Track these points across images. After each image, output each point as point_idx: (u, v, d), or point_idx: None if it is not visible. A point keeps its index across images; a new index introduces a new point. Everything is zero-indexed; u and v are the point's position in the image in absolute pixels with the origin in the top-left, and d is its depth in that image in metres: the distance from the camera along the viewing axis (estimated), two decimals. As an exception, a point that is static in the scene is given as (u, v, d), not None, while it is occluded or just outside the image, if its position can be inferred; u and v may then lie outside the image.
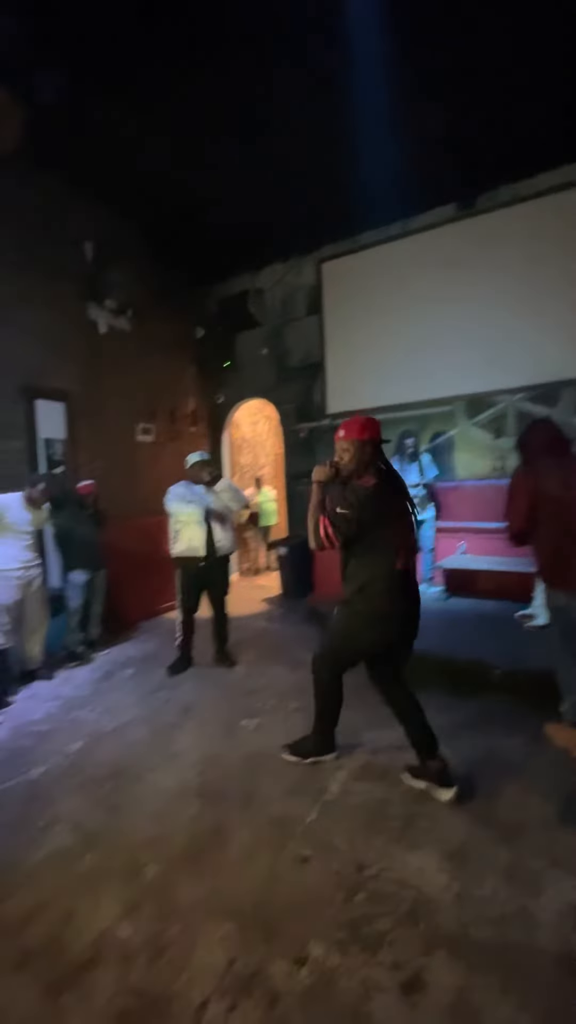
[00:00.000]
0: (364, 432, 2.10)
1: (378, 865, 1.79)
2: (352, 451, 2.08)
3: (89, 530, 4.09)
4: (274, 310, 6.39)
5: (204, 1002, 1.37)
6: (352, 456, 2.08)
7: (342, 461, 2.10)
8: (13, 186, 4.40)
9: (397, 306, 5.37)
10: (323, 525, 2.06)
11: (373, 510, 2.02)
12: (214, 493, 3.60)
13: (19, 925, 1.62)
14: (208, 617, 3.79)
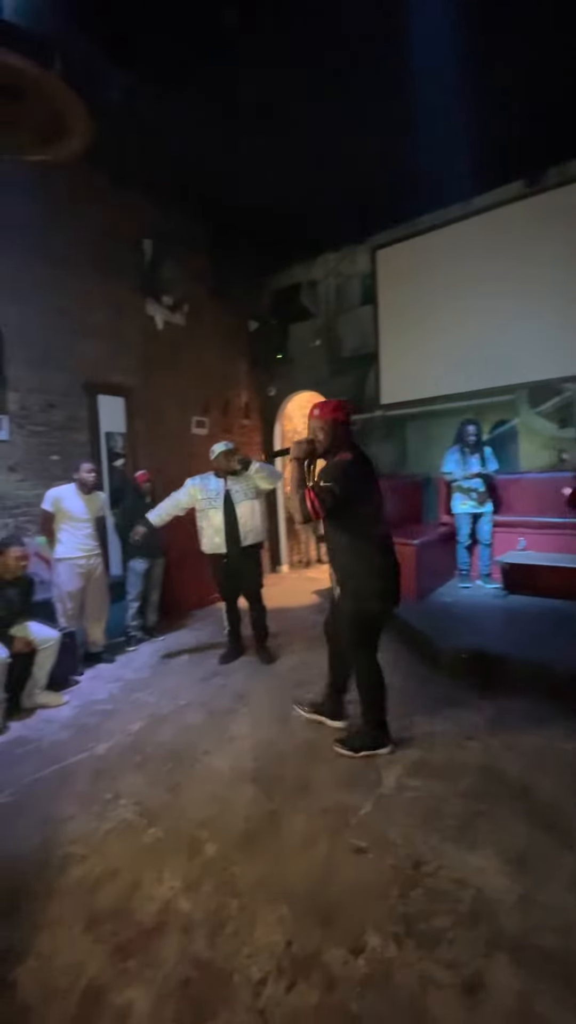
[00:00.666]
0: (337, 412, 2.30)
1: (435, 863, 1.77)
2: (327, 429, 2.27)
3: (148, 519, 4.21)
4: (327, 301, 6.35)
5: (263, 979, 1.40)
6: (327, 434, 2.26)
7: (317, 439, 2.27)
8: (73, 188, 4.59)
9: (456, 291, 5.19)
10: (309, 498, 2.17)
11: (355, 482, 2.22)
12: (247, 478, 3.59)
13: (90, 889, 1.73)
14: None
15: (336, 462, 2.22)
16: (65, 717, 3.02)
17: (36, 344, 4.36)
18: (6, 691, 2.92)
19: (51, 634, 3.18)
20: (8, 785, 2.34)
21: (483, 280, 5.00)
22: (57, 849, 1.92)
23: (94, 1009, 1.35)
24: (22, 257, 4.26)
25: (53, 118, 2.74)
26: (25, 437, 4.29)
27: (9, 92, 2.63)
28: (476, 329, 5.07)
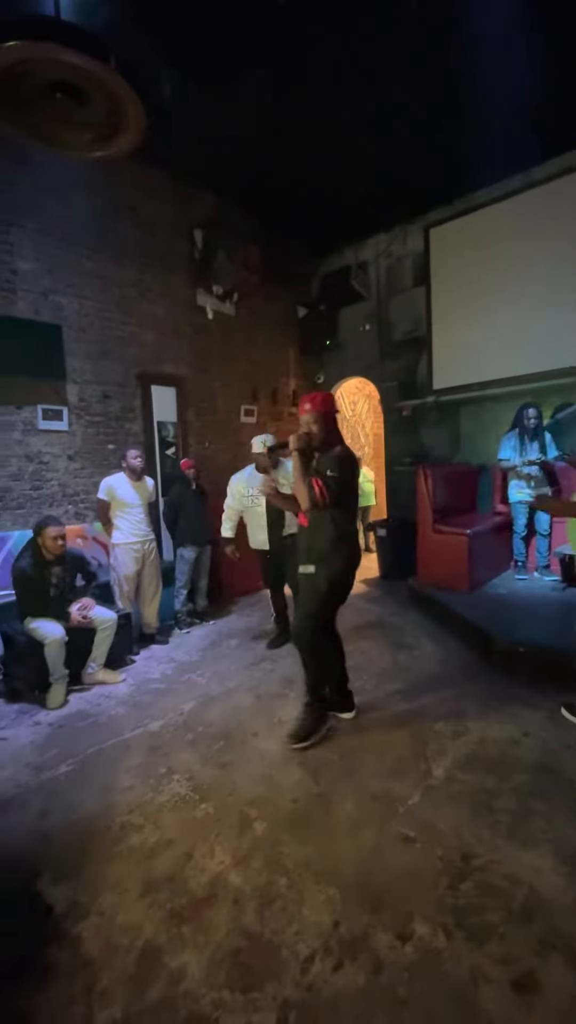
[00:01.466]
0: (327, 405, 2.39)
1: (486, 857, 1.73)
2: (320, 422, 2.34)
3: (195, 507, 4.28)
4: (378, 283, 6.19)
5: (310, 956, 1.43)
6: (320, 427, 2.34)
7: (312, 432, 2.33)
8: (127, 183, 4.69)
9: (514, 268, 4.92)
10: (317, 486, 2.25)
11: (352, 474, 2.39)
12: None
13: (146, 856, 1.82)
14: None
15: (339, 454, 2.33)
16: (122, 694, 3.17)
17: (93, 337, 4.53)
18: (66, 667, 3.09)
19: (109, 615, 3.34)
20: (71, 755, 2.49)
21: (543, 255, 4.71)
22: (116, 817, 2.03)
23: (151, 969, 1.42)
24: (80, 251, 4.41)
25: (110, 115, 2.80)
26: (83, 427, 4.48)
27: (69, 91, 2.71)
28: (535, 308, 4.80)
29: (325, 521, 2.34)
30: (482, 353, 5.22)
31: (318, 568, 2.37)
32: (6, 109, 2.76)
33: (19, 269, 4.05)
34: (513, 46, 3.36)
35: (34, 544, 3.16)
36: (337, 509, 2.33)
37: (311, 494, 2.25)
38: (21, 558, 3.15)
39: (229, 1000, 1.33)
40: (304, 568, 2.40)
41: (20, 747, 2.59)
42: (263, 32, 3.32)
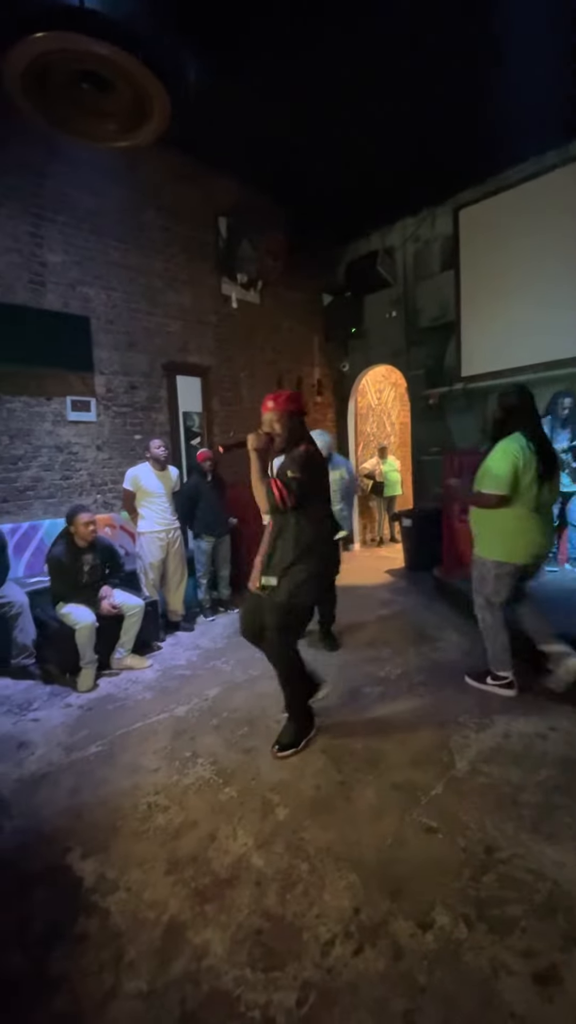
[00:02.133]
0: (291, 404, 2.23)
1: (509, 851, 1.72)
2: (283, 421, 2.20)
3: (212, 498, 4.21)
4: (405, 269, 6.06)
5: (331, 940, 1.45)
6: (283, 426, 2.20)
7: (274, 431, 2.21)
8: (153, 172, 4.69)
9: (548, 249, 4.74)
10: (276, 488, 2.12)
11: (318, 473, 2.25)
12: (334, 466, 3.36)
13: (172, 836, 1.87)
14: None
15: (301, 453, 2.18)
16: (148, 679, 3.24)
17: (120, 328, 4.58)
18: (95, 652, 3.18)
19: (136, 601, 3.41)
20: (101, 737, 2.57)
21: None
22: (143, 798, 2.09)
23: (175, 944, 1.47)
24: (108, 243, 4.45)
25: (136, 103, 2.80)
26: (111, 418, 4.56)
27: (97, 82, 2.73)
28: (570, 291, 4.61)
29: (289, 526, 2.19)
30: (513, 339, 5.06)
31: (280, 580, 2.19)
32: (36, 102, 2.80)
33: (48, 262, 4.12)
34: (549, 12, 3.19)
35: (67, 532, 3.26)
36: (302, 513, 2.18)
37: (270, 497, 2.12)
38: (56, 545, 3.26)
39: (251, 978, 1.36)
40: (266, 579, 2.23)
41: (52, 728, 2.69)
42: (289, 15, 3.24)
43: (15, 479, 4.00)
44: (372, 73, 3.79)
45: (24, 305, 3.95)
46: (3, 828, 1.95)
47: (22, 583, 3.62)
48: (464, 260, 5.39)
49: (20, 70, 2.67)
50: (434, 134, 4.47)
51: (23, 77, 2.71)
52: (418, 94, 4.01)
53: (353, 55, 3.62)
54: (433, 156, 4.80)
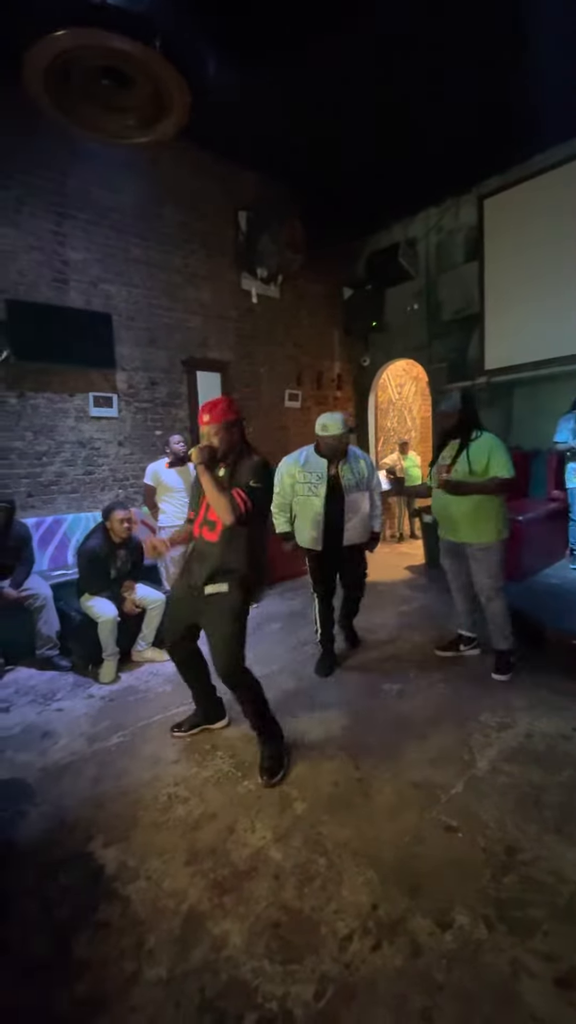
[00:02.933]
0: (229, 413, 2.16)
1: (532, 852, 1.69)
2: (221, 433, 2.14)
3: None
4: (427, 260, 5.95)
5: (349, 935, 1.45)
6: (222, 438, 2.14)
7: (213, 444, 2.14)
8: (172, 168, 4.70)
9: None
10: (239, 498, 2.06)
11: (270, 482, 2.29)
12: (356, 459, 3.02)
13: (191, 827, 1.89)
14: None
15: (258, 462, 2.16)
16: (169, 672, 3.27)
17: (141, 324, 4.62)
18: (117, 645, 3.23)
19: (158, 596, 3.45)
20: (122, 728, 2.62)
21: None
22: (163, 789, 2.12)
23: (195, 933, 1.49)
24: (128, 239, 4.49)
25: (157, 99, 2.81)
26: (132, 414, 4.60)
27: (118, 78, 2.74)
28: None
29: (241, 534, 2.14)
30: (539, 331, 4.94)
31: (232, 586, 2.15)
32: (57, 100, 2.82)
33: (71, 259, 4.17)
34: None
35: (103, 527, 3.31)
36: (258, 521, 2.18)
37: (233, 507, 2.03)
38: (91, 538, 3.31)
39: (269, 969, 1.37)
40: (215, 587, 2.15)
41: (75, 718, 2.75)
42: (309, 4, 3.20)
43: (39, 474, 4.08)
44: (393, 61, 3.72)
45: (48, 303, 4.01)
46: (29, 814, 2.00)
47: (46, 576, 3.70)
48: (489, 251, 5.27)
49: (42, 68, 2.70)
50: (458, 121, 4.36)
51: (45, 75, 2.74)
52: (441, 81, 3.92)
53: (374, 42, 3.56)
54: (457, 144, 4.68)
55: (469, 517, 2.84)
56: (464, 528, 2.87)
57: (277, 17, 3.29)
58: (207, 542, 2.19)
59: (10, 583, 3.27)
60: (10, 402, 3.90)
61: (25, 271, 3.92)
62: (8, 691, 3.09)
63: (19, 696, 3.02)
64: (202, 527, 2.22)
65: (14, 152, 3.81)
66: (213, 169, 5.01)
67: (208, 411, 2.15)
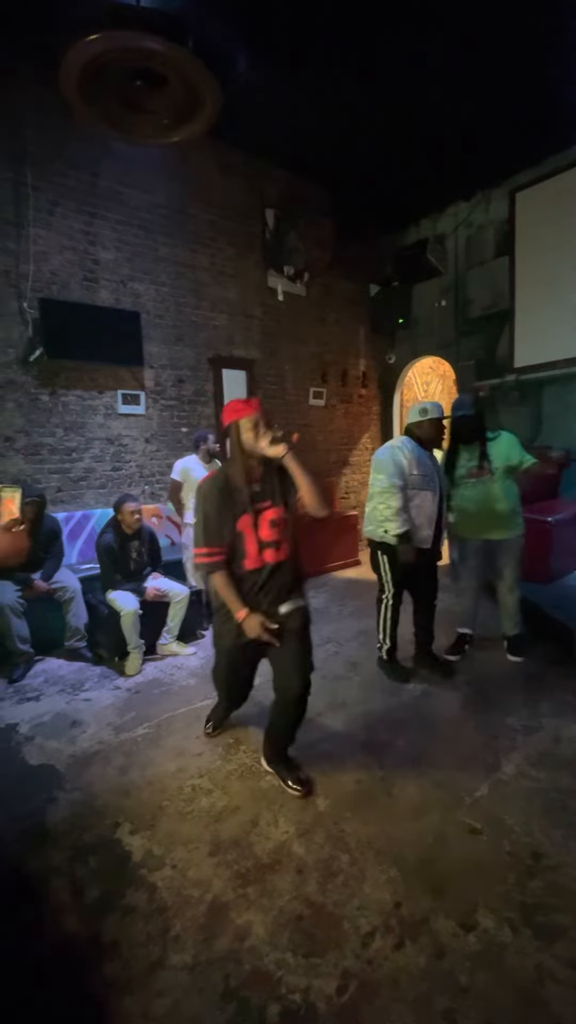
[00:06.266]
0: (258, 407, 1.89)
1: (558, 858, 1.67)
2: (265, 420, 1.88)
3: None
4: (456, 256, 5.86)
5: (371, 932, 1.46)
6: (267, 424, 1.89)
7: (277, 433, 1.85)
8: (200, 164, 4.73)
9: (614, 231, 4.46)
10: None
11: None
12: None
13: (215, 819, 1.92)
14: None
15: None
16: (193, 666, 3.33)
17: (168, 322, 4.67)
18: (141, 637, 3.29)
19: (182, 589, 3.50)
20: (148, 719, 2.67)
21: None
22: (188, 780, 2.15)
23: (218, 923, 1.51)
24: (156, 238, 4.54)
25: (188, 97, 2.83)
26: (159, 411, 4.67)
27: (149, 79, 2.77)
28: None
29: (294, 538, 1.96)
30: (572, 327, 4.81)
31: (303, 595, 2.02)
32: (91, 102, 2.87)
33: (101, 259, 4.24)
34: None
35: (115, 520, 3.38)
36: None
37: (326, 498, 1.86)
38: (105, 533, 3.39)
39: (291, 962, 1.38)
40: (292, 604, 1.95)
41: (102, 708, 2.81)
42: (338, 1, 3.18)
43: (69, 470, 4.18)
44: (422, 52, 3.66)
45: (79, 302, 4.10)
46: (59, 800, 2.06)
47: (75, 569, 3.78)
48: (520, 245, 5.16)
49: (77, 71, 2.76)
50: (489, 113, 4.28)
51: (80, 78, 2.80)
52: (473, 73, 3.85)
53: (403, 36, 3.51)
54: (488, 136, 4.60)
55: (508, 512, 2.97)
56: (500, 524, 2.97)
57: (307, 15, 3.28)
58: (275, 564, 1.91)
59: (40, 575, 3.36)
60: (42, 399, 4.00)
61: (58, 271, 4.01)
62: (38, 680, 3.18)
63: (49, 685, 3.11)
64: (262, 551, 1.89)
65: (50, 155, 3.90)
66: (241, 167, 5.02)
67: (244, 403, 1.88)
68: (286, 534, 1.93)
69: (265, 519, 1.89)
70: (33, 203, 3.84)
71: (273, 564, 1.91)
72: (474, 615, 3.26)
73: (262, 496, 1.90)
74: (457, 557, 3.26)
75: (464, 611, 3.26)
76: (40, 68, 3.58)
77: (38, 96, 3.72)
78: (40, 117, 3.80)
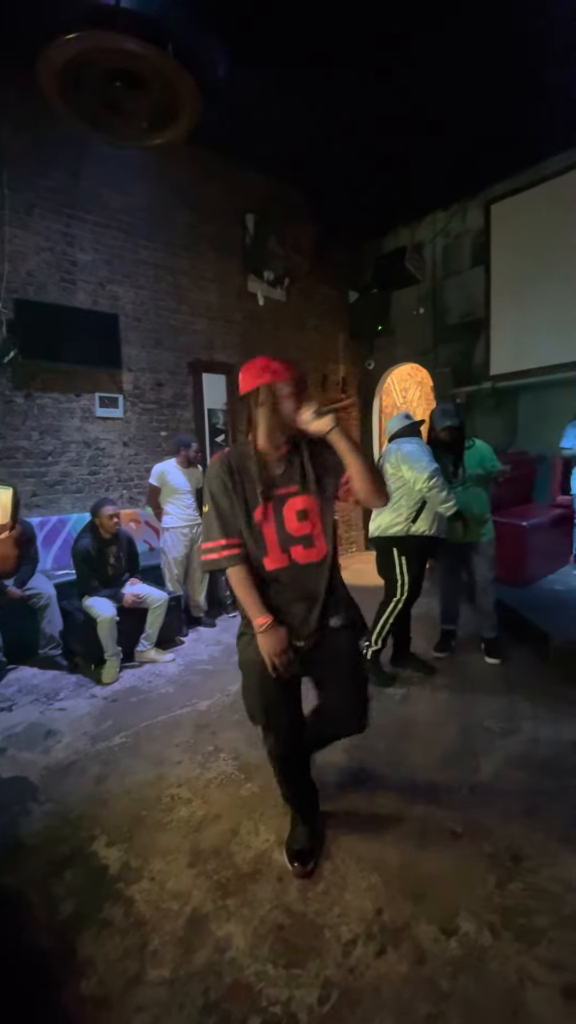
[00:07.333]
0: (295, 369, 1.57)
1: (537, 860, 1.68)
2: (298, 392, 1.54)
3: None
4: (433, 264, 5.96)
5: (352, 939, 1.45)
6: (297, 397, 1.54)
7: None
8: (181, 169, 4.71)
9: (585, 244, 4.60)
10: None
11: None
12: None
13: (194, 829, 1.89)
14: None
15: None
16: (171, 673, 3.28)
17: (147, 325, 4.63)
18: (118, 644, 3.23)
19: (161, 595, 3.46)
20: (125, 727, 2.61)
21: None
22: (166, 789, 2.11)
23: (198, 935, 1.48)
24: (136, 241, 4.50)
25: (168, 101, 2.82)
26: (137, 415, 4.61)
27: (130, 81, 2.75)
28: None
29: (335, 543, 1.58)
30: (545, 336, 4.94)
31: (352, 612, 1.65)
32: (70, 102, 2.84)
33: (79, 260, 4.18)
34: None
35: (92, 525, 3.32)
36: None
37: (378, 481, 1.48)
38: (82, 538, 3.32)
39: (272, 973, 1.36)
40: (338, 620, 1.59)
41: (78, 717, 2.75)
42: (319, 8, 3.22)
43: (44, 473, 4.09)
44: (401, 65, 3.73)
45: (56, 303, 4.03)
46: (33, 812, 2.00)
47: (50, 575, 3.70)
48: (495, 255, 5.28)
49: (55, 71, 2.72)
50: (466, 126, 4.37)
51: (58, 78, 2.76)
52: (449, 86, 3.93)
53: (381, 47, 3.57)
54: (465, 148, 4.70)
55: (480, 517, 3.07)
56: (476, 525, 3.06)
57: (288, 21, 3.31)
58: (307, 566, 1.52)
59: (14, 582, 3.27)
60: (17, 401, 3.91)
61: (34, 272, 3.94)
62: (11, 690, 3.09)
63: (22, 695, 3.02)
64: (288, 548, 1.50)
65: (28, 155, 3.83)
66: (222, 171, 5.03)
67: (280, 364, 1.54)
68: (322, 528, 1.52)
69: (292, 508, 1.49)
70: (9, 203, 3.77)
71: (304, 565, 1.51)
72: (455, 613, 3.37)
73: (288, 480, 1.51)
74: (434, 559, 3.33)
75: (446, 610, 3.37)
76: (17, 68, 3.52)
77: (15, 96, 3.66)
78: (17, 116, 3.74)
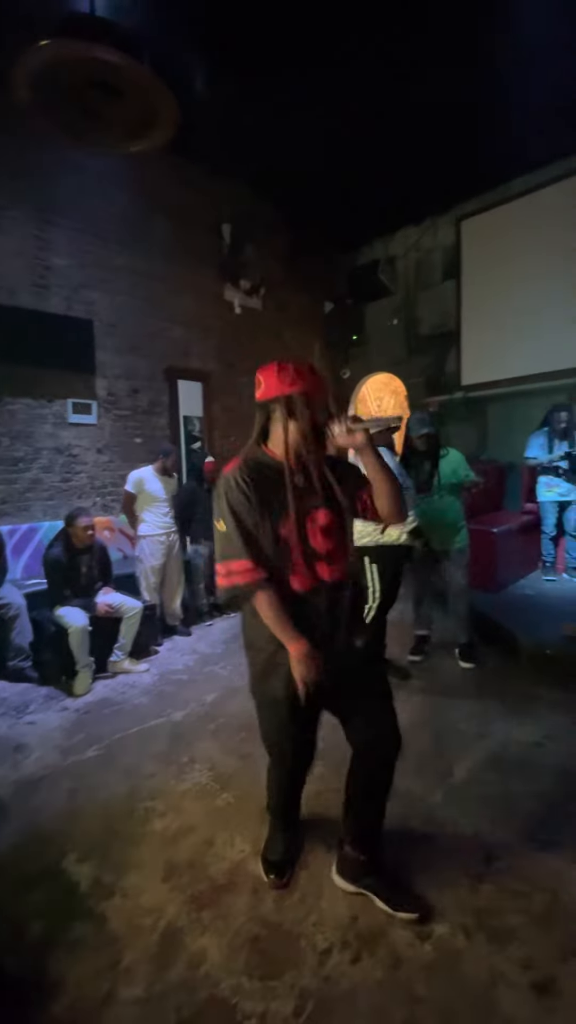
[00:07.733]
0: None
1: (508, 860, 1.71)
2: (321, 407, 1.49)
3: (209, 505, 4.12)
4: (406, 277, 6.11)
5: (328, 948, 1.44)
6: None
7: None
8: (157, 178, 4.73)
9: (549, 261, 4.80)
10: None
11: None
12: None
13: (169, 841, 1.86)
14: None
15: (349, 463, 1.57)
16: (146, 683, 3.23)
17: (123, 332, 4.60)
18: (91, 655, 3.17)
19: (135, 603, 3.41)
20: (98, 740, 2.56)
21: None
22: (140, 802, 2.08)
23: (172, 950, 1.46)
24: (112, 247, 4.48)
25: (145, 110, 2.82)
26: (112, 421, 4.56)
27: (105, 89, 2.75)
28: (570, 303, 4.66)
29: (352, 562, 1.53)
30: (513, 348, 5.11)
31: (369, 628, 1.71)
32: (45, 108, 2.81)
33: (53, 265, 4.14)
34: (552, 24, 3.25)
35: (65, 534, 3.26)
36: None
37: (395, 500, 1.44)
38: (53, 547, 3.26)
39: (247, 986, 1.35)
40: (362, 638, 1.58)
41: (49, 731, 2.68)
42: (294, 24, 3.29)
43: (15, 480, 4.00)
44: (375, 82, 3.84)
45: (27, 308, 3.96)
46: (1, 829, 1.94)
47: (20, 585, 3.61)
48: (465, 270, 5.45)
49: (29, 77, 2.70)
50: (437, 144, 4.52)
51: (33, 83, 2.74)
52: (422, 104, 4.06)
53: (356, 64, 3.67)
54: (436, 166, 4.85)
55: (453, 524, 3.15)
56: (450, 533, 3.14)
57: (266, 35, 3.37)
58: (333, 584, 1.45)
59: (-18, 592, 3.18)
60: (-14, 406, 3.82)
61: (5, 275, 3.88)
62: (-22, 703, 2.99)
63: (-11, 709, 2.93)
64: (313, 565, 1.42)
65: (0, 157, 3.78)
66: (199, 180, 5.05)
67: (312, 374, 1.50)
68: (344, 543, 1.48)
69: (316, 523, 1.42)
70: (-21, 205, 3.71)
71: (330, 584, 1.44)
72: (429, 618, 3.43)
73: (310, 492, 1.43)
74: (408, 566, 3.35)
75: (421, 615, 3.43)
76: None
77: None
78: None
